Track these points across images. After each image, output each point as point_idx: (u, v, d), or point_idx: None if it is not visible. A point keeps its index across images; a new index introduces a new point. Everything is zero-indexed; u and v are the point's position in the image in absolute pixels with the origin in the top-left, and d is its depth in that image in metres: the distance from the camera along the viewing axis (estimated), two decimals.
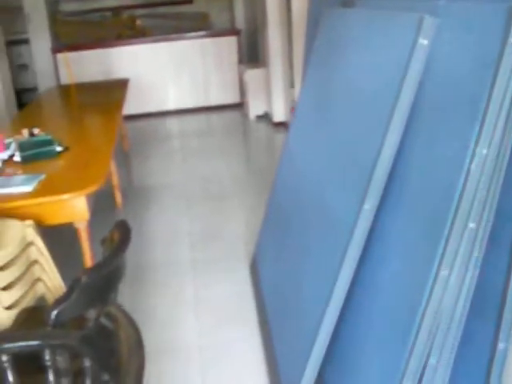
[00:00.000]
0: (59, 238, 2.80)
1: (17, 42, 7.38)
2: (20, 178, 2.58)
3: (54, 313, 1.54)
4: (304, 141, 2.49)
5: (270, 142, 5.73)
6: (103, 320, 1.57)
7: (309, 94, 2.57)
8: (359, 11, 2.21)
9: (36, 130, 3.12)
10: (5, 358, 1.50)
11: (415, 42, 1.54)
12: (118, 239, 1.67)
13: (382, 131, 1.60)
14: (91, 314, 1.64)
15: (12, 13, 7.04)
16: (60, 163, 2.83)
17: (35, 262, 2.35)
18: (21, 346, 1.49)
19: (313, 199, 2.17)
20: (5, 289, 2.19)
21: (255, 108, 6.44)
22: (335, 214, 1.89)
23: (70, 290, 1.54)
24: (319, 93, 2.40)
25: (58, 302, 1.54)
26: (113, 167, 3.96)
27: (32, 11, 7.12)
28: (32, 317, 2.14)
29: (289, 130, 2.84)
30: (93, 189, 2.41)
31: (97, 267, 1.58)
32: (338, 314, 1.76)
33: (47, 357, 1.49)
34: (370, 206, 1.65)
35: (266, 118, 6.27)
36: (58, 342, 1.47)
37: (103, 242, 1.79)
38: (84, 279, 1.51)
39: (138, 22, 7.79)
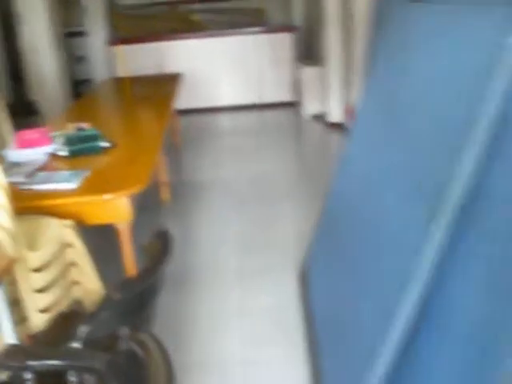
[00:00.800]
0: (99, 238, 2.69)
1: (74, 34, 7.42)
2: (64, 173, 2.48)
3: (83, 330, 1.41)
4: (366, 150, 2.28)
5: (324, 143, 5.52)
6: (134, 346, 1.42)
7: (373, 97, 2.36)
8: (434, 6, 1.98)
9: (84, 124, 3.04)
10: (29, 375, 1.38)
11: (504, 41, 1.32)
12: (157, 252, 1.52)
13: (460, 144, 1.39)
14: (124, 331, 1.50)
15: (70, 5, 7.07)
16: (105, 159, 2.72)
17: (73, 264, 2.24)
18: (45, 365, 1.36)
19: (374, 213, 1.97)
20: (40, 291, 2.09)
21: (310, 107, 6.24)
22: (399, 232, 1.69)
23: (101, 307, 1.40)
24: (386, 97, 2.19)
25: (88, 318, 1.41)
26: (162, 163, 3.86)
27: (90, 4, 7.15)
28: (66, 321, 2.02)
29: (349, 136, 2.64)
30: (136, 189, 2.28)
31: (130, 284, 1.43)
32: (402, 339, 1.56)
33: (72, 378, 1.36)
34: (440, 226, 1.45)
35: (320, 117, 6.06)
36: (84, 364, 1.33)
37: (142, 250, 1.65)
38: (116, 296, 1.37)
39: (194, 16, 7.71)
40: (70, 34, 7.23)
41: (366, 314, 1.81)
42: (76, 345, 1.44)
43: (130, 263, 2.40)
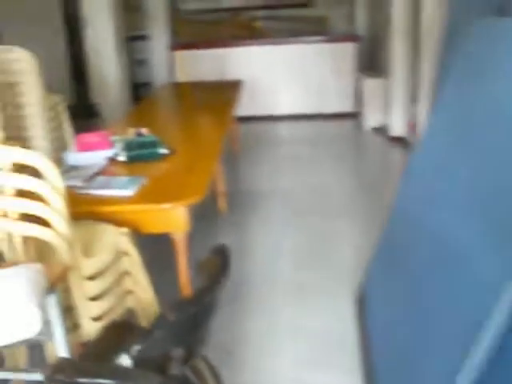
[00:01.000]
0: (153, 247, 2.65)
1: (136, 38, 7.51)
2: (122, 179, 2.44)
3: (136, 348, 1.34)
4: (435, 170, 2.14)
5: (385, 157, 5.35)
6: (187, 371, 1.35)
7: (445, 115, 2.21)
8: None
9: (144, 130, 3.01)
10: None
11: None
12: (215, 270, 1.44)
13: None
14: (177, 352, 1.42)
15: (133, 9, 7.16)
16: (163, 167, 2.68)
17: (127, 272, 2.20)
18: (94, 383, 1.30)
19: (440, 235, 1.84)
20: (94, 299, 2.05)
21: (371, 119, 6.08)
22: (472, 259, 1.56)
23: (156, 326, 1.34)
24: (461, 117, 2.05)
25: (142, 336, 1.35)
26: (219, 171, 3.80)
27: (152, 8, 7.22)
28: (118, 331, 1.97)
29: (413, 152, 2.50)
30: (194, 200, 2.22)
31: (187, 304, 1.36)
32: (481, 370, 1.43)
33: None
34: None
35: (381, 130, 5.89)
36: None
37: (199, 266, 1.57)
38: (171, 317, 1.30)
39: (256, 23, 7.68)
40: (132, 38, 7.32)
41: (437, 341, 1.68)
42: (127, 361, 1.38)
43: (185, 274, 2.34)
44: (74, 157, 2.78)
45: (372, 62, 6.70)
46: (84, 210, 2.18)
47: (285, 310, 2.75)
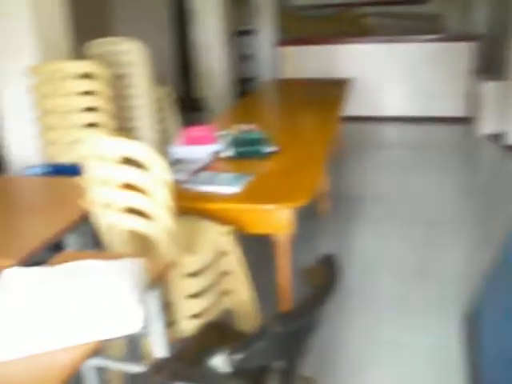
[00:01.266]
0: (253, 247, 2.58)
1: (243, 33, 7.54)
2: (228, 176, 2.39)
3: (235, 358, 1.27)
4: None
5: (499, 167, 4.97)
6: None
7: None
8: None
9: (252, 126, 2.96)
10: None
11: None
12: (323, 283, 1.34)
13: None
14: (277, 365, 1.34)
15: (241, 4, 7.19)
16: (269, 165, 2.61)
17: (227, 272, 2.15)
18: None
19: None
20: (193, 296, 2.02)
21: (486, 125, 5.70)
22: None
23: (258, 336, 1.26)
24: None
25: (242, 346, 1.27)
26: (324, 173, 3.69)
27: (260, 3, 7.21)
28: (215, 331, 1.92)
29: None
30: (300, 203, 2.12)
31: (294, 316, 1.27)
32: None
33: None
34: None
35: (497, 138, 5.50)
36: None
37: (304, 275, 1.48)
38: (277, 328, 1.21)
39: (365, 19, 7.46)
40: (239, 33, 7.36)
41: None
42: (221, 364, 1.31)
43: (286, 278, 2.26)
44: (180, 150, 2.77)
45: (490, 63, 6.28)
46: (188, 206, 2.15)
47: (386, 324, 2.60)
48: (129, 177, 1.82)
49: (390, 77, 6.61)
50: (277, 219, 2.15)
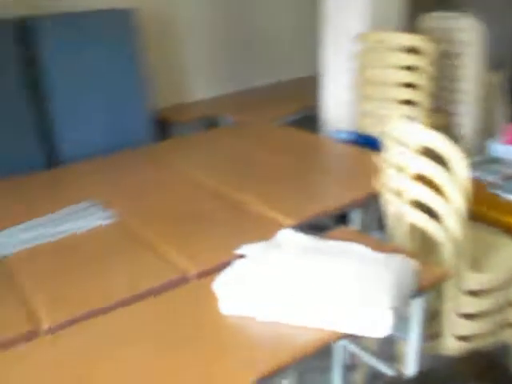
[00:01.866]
0: None
1: None
2: None
3: None
4: None
5: None
6: None
7: None
8: None
9: None
10: None
11: None
12: None
13: None
14: None
15: None
16: None
17: None
18: None
19: None
20: (468, 317, 1.75)
21: None
22: None
23: None
24: None
25: None
26: None
27: None
28: (478, 363, 1.64)
29: None
30: None
31: None
32: None
33: None
34: None
35: None
36: None
37: None
38: None
39: None
40: None
41: None
42: None
43: None
44: (501, 148, 2.43)
45: None
46: (487, 214, 1.86)
47: None
48: (425, 169, 1.62)
49: None
50: None
